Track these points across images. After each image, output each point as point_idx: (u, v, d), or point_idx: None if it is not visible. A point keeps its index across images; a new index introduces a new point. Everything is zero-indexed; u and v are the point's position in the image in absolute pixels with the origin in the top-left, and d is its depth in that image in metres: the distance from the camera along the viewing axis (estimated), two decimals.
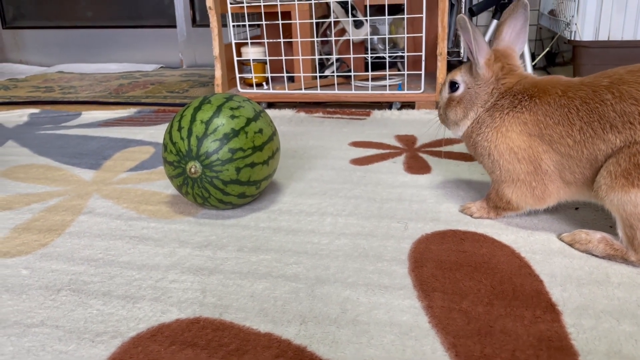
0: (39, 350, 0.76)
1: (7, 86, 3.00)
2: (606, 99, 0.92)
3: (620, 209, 0.90)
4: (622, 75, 0.93)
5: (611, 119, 0.90)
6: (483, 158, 1.08)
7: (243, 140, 1.13)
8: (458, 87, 1.11)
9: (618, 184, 0.89)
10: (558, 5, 2.39)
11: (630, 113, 0.89)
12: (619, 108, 0.90)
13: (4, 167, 1.56)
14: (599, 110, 0.92)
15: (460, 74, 1.11)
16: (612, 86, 0.92)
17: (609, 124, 0.91)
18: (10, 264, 1.00)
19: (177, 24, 3.62)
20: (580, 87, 0.97)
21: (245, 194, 1.18)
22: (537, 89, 1.02)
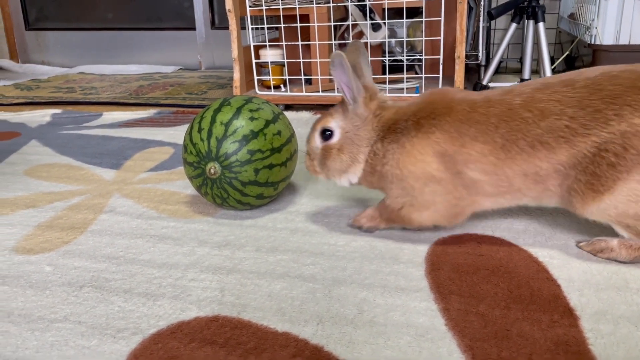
0: (62, 345, 0.78)
1: (30, 87, 3.06)
2: (527, 117, 0.92)
3: (605, 216, 0.93)
4: (532, 94, 0.94)
5: (538, 135, 0.91)
6: (392, 185, 1.02)
7: (262, 142, 1.14)
8: (332, 135, 1.05)
9: (589, 198, 0.91)
10: (578, 9, 2.37)
11: (558, 128, 0.91)
12: (544, 124, 0.91)
13: (28, 166, 1.60)
14: (522, 128, 0.92)
15: (333, 119, 1.05)
16: (528, 105, 0.93)
17: (538, 141, 0.91)
18: (34, 260, 1.03)
19: (196, 26, 3.65)
20: (489, 104, 0.96)
21: (264, 195, 1.19)
22: (438, 108, 0.99)
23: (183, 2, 3.67)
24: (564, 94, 0.92)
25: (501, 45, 2.30)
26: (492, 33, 3.03)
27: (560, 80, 0.95)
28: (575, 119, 0.90)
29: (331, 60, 0.97)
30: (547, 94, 0.93)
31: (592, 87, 0.92)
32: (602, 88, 0.91)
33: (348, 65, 0.96)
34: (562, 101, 0.92)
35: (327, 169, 1.08)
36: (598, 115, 0.89)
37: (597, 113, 0.89)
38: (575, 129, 0.90)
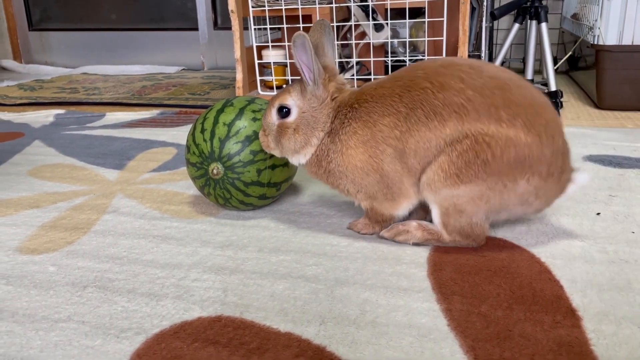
0: (66, 345, 0.78)
1: (33, 87, 3.07)
2: (426, 87, 0.95)
3: (445, 201, 0.96)
4: (436, 69, 0.97)
5: (434, 106, 0.94)
6: (340, 183, 1.05)
7: None
8: (289, 112, 1.04)
9: (451, 182, 0.94)
10: (581, 9, 2.36)
11: (454, 104, 0.93)
12: (441, 96, 0.93)
13: (31, 167, 1.60)
14: (421, 97, 0.95)
15: (291, 97, 1.04)
16: (429, 77, 0.96)
17: (432, 111, 0.94)
18: (38, 260, 1.03)
19: (199, 26, 3.66)
20: (395, 78, 1.00)
21: (266, 195, 1.19)
22: (353, 96, 1.03)
23: (186, 3, 3.68)
24: (468, 75, 0.94)
25: (504, 46, 2.30)
26: (495, 33, 3.03)
27: (469, 63, 0.99)
28: (471, 102, 0.92)
29: (293, 40, 0.97)
30: (451, 71, 0.96)
31: (497, 82, 0.94)
32: (507, 89, 0.93)
33: (310, 47, 0.96)
34: (465, 81, 0.94)
35: (281, 147, 1.07)
36: (493, 110, 0.92)
37: (493, 108, 0.92)
38: (468, 110, 0.92)
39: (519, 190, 0.94)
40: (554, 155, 0.94)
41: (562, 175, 0.98)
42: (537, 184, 0.94)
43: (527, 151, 0.92)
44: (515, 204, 0.97)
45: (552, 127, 0.94)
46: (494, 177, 0.93)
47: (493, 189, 0.94)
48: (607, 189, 1.29)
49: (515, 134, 0.91)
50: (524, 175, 0.93)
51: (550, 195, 0.99)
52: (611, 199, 1.23)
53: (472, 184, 0.93)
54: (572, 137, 1.72)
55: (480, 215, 0.97)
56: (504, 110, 0.92)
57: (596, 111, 2.12)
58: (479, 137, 0.92)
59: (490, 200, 0.95)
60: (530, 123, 0.92)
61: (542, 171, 0.94)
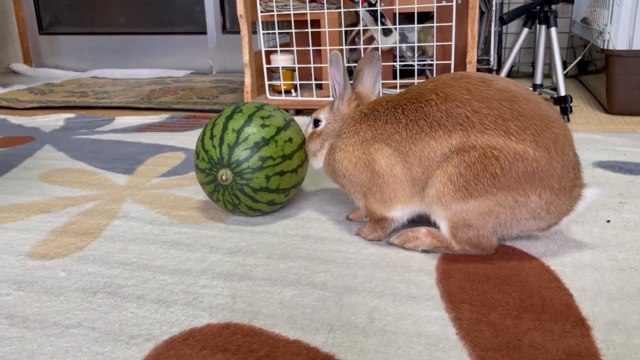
0: (76, 351, 0.79)
1: (43, 91, 3.09)
2: (430, 99, 0.98)
3: (455, 216, 0.97)
4: (445, 81, 1.00)
5: (437, 117, 0.96)
6: (342, 181, 1.12)
7: (273, 149, 1.15)
8: (319, 123, 1.17)
9: (460, 196, 0.94)
10: (591, 13, 2.35)
11: (457, 115, 0.95)
12: (445, 108, 0.96)
13: (42, 171, 1.62)
14: (424, 109, 0.98)
15: (324, 112, 1.18)
16: (437, 88, 0.99)
17: (437, 122, 0.96)
18: (48, 265, 1.04)
19: (208, 30, 3.68)
20: (408, 91, 1.05)
21: (275, 201, 1.19)
22: (368, 106, 1.10)
23: (195, 7, 3.70)
24: (476, 86, 0.97)
25: (513, 50, 2.30)
26: (504, 37, 3.02)
27: (481, 76, 1.00)
28: (477, 113, 0.94)
29: (329, 58, 1.08)
30: (460, 83, 0.98)
31: (505, 94, 0.95)
32: (515, 102, 0.94)
33: (343, 65, 1.07)
34: (472, 92, 0.96)
35: (308, 150, 1.20)
36: (500, 122, 0.93)
37: (500, 120, 0.93)
38: (474, 122, 0.93)
39: (530, 205, 0.94)
40: (564, 169, 0.94)
41: (573, 190, 0.97)
42: (549, 199, 0.94)
43: (536, 165, 0.92)
44: (527, 218, 0.96)
45: (561, 141, 0.94)
46: (503, 191, 0.93)
47: (503, 205, 0.94)
48: (618, 195, 1.29)
49: (524, 148, 0.91)
50: (535, 189, 0.93)
51: (562, 210, 0.97)
52: (621, 206, 1.23)
53: (482, 199, 0.94)
54: (582, 143, 1.71)
55: (488, 229, 0.97)
56: (512, 122, 0.92)
57: (606, 116, 2.11)
58: (487, 150, 0.92)
59: (500, 215, 0.95)
60: (540, 136, 0.92)
61: (553, 185, 0.93)
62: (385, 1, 2.29)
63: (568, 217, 1.00)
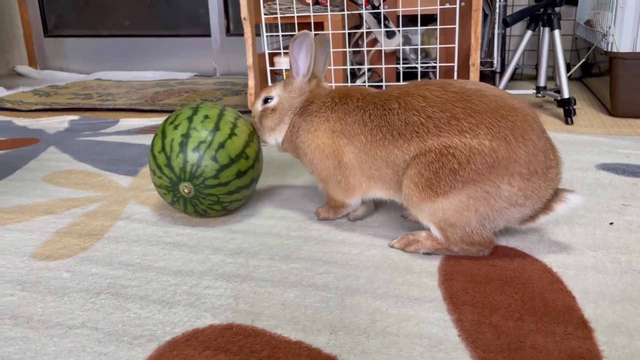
0: (79, 351, 0.79)
1: (48, 93, 3.11)
2: (393, 108, 1.04)
3: (432, 217, 1.00)
4: (408, 89, 1.05)
5: (397, 126, 1.02)
6: (303, 159, 1.18)
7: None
8: (272, 100, 1.22)
9: (426, 195, 0.98)
10: (594, 16, 2.35)
11: (414, 122, 1.00)
12: (404, 117, 1.02)
13: (47, 172, 1.62)
14: (387, 117, 1.04)
15: (275, 89, 1.23)
16: (400, 97, 1.04)
17: (397, 131, 1.02)
18: (52, 266, 1.05)
19: (212, 33, 3.69)
20: (377, 94, 1.10)
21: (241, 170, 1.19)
22: (340, 94, 1.14)
23: (199, 9, 3.71)
24: (432, 92, 1.02)
25: (516, 53, 2.29)
26: (508, 40, 3.02)
27: (441, 82, 1.05)
28: (431, 119, 0.99)
29: (296, 36, 1.11)
30: (419, 91, 1.03)
31: (460, 95, 0.99)
32: (469, 100, 0.98)
33: (313, 45, 1.12)
34: (428, 99, 1.01)
35: (262, 127, 1.24)
36: (454, 123, 0.97)
37: (454, 120, 0.97)
38: (428, 128, 0.98)
39: (504, 194, 0.96)
40: (529, 153, 0.95)
41: (548, 171, 0.98)
42: (521, 185, 0.95)
43: (495, 155, 0.94)
44: (506, 207, 0.97)
45: (520, 128, 0.96)
46: (469, 185, 0.95)
47: (476, 198, 0.96)
48: (621, 198, 1.28)
49: (479, 142, 0.95)
50: (502, 178, 0.95)
51: (542, 194, 0.99)
52: (624, 208, 1.23)
53: (451, 196, 0.96)
54: (585, 145, 1.71)
55: (474, 224, 0.99)
56: (465, 120, 0.96)
57: (610, 119, 2.11)
58: (443, 149, 0.96)
59: (479, 209, 0.97)
60: (495, 127, 0.95)
61: (522, 171, 0.95)
62: (389, 3, 2.30)
63: (547, 217, 1.02)
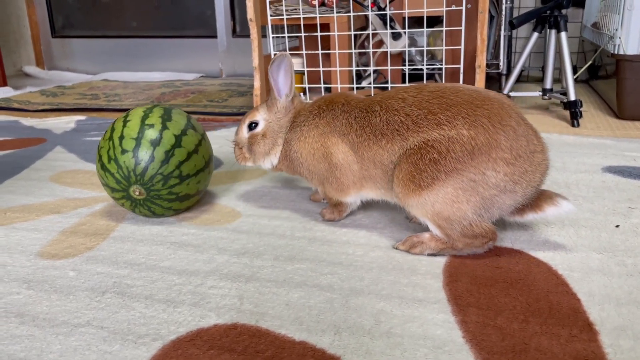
0: (85, 350, 0.80)
1: (55, 93, 3.12)
2: (375, 110, 1.08)
3: (422, 212, 1.02)
4: (390, 93, 1.10)
5: (379, 127, 1.06)
6: (300, 169, 1.21)
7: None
8: (257, 126, 1.23)
9: (410, 189, 1.01)
10: (601, 18, 2.34)
11: (394, 122, 1.04)
12: (385, 118, 1.06)
13: (53, 172, 1.63)
14: (370, 119, 1.08)
15: (258, 113, 1.24)
16: (382, 100, 1.09)
17: (379, 132, 1.06)
18: (58, 265, 1.05)
19: (218, 34, 3.70)
20: (362, 99, 1.14)
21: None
22: (326, 102, 1.18)
23: (205, 11, 3.72)
24: (410, 94, 1.06)
25: (523, 55, 2.29)
26: (514, 42, 3.01)
27: (417, 84, 1.12)
28: (410, 117, 1.03)
29: (274, 59, 1.15)
30: (399, 93, 1.08)
31: (436, 93, 1.03)
32: (444, 96, 1.02)
33: (292, 65, 1.16)
34: (406, 100, 1.05)
35: (253, 154, 1.25)
36: (431, 117, 1.01)
37: (430, 115, 1.01)
38: (408, 126, 1.02)
39: (491, 181, 0.97)
40: (510, 138, 0.97)
41: (533, 156, 0.99)
42: (507, 170, 0.97)
43: (474, 143, 0.96)
44: (497, 194, 0.98)
45: (496, 114, 0.98)
46: (453, 175, 0.97)
47: (463, 188, 0.97)
48: (627, 200, 1.28)
49: (457, 132, 0.97)
50: (486, 165, 0.96)
51: (530, 178, 0.99)
52: (630, 211, 1.22)
53: (435, 187, 0.98)
54: (592, 147, 1.70)
55: (470, 216, 0.99)
56: (441, 114, 1.00)
57: (616, 121, 2.10)
58: (422, 144, 0.99)
59: (470, 199, 0.98)
60: (471, 117, 0.98)
61: (504, 156, 0.96)
62: (395, 5, 2.30)
63: (534, 216, 1.04)
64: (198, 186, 1.26)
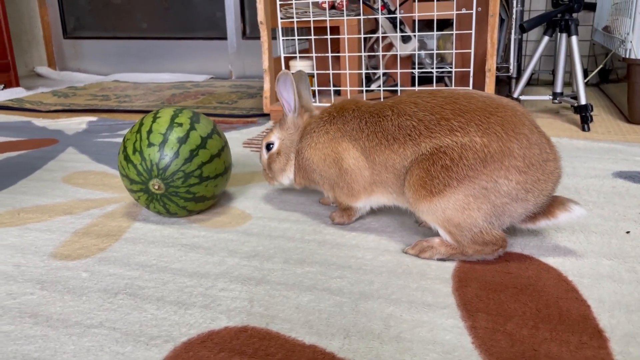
0: (97, 351, 0.81)
1: (67, 94, 3.15)
2: (387, 115, 1.08)
3: (433, 218, 1.02)
4: (401, 98, 1.10)
5: (391, 131, 1.06)
6: (313, 175, 1.21)
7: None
8: (273, 145, 1.27)
9: (421, 195, 1.01)
10: (612, 22, 2.33)
11: (406, 126, 1.04)
12: (397, 122, 1.06)
13: (65, 173, 1.65)
14: (381, 123, 1.08)
15: (273, 135, 1.27)
16: (393, 105, 1.09)
17: (391, 136, 1.06)
18: (71, 266, 1.06)
19: (228, 36, 3.72)
20: (372, 104, 1.14)
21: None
22: (336, 108, 1.19)
23: (215, 12, 3.74)
24: (423, 98, 1.06)
25: (533, 58, 2.28)
26: (524, 45, 3.00)
27: (431, 90, 1.10)
28: (422, 122, 1.03)
29: (278, 78, 1.18)
30: (411, 98, 1.08)
31: (449, 98, 1.03)
32: (457, 102, 1.02)
33: (294, 83, 1.18)
34: (419, 105, 1.05)
35: (273, 173, 1.29)
36: (444, 123, 1.01)
37: (443, 120, 1.01)
38: (420, 131, 1.02)
39: (502, 189, 0.97)
40: (523, 147, 0.97)
41: (546, 164, 0.99)
42: (519, 178, 0.96)
43: (487, 150, 0.96)
44: (508, 202, 0.98)
45: (510, 122, 0.98)
46: (465, 183, 0.97)
47: (475, 196, 0.97)
48: (637, 206, 1.27)
49: (470, 139, 0.97)
50: (498, 172, 0.96)
51: (542, 187, 0.99)
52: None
53: (447, 194, 0.98)
54: (603, 152, 1.70)
55: (481, 223, 0.99)
56: (454, 120, 1.00)
57: (627, 125, 2.09)
58: (434, 150, 0.99)
59: (481, 206, 0.97)
60: (484, 124, 0.98)
61: (517, 165, 0.96)
62: (405, 8, 2.30)
63: (547, 222, 1.03)
64: (215, 190, 1.27)
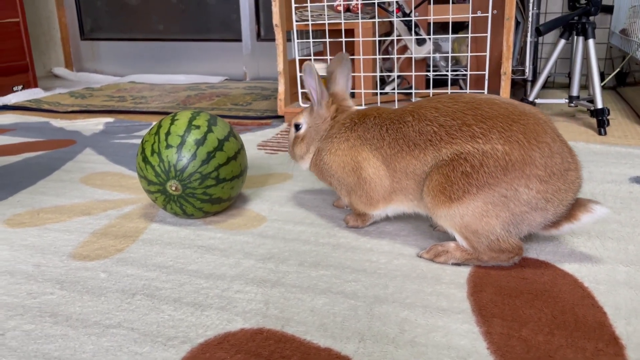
0: (116, 351, 0.82)
1: (84, 95, 3.19)
2: (407, 120, 1.08)
3: (451, 223, 1.02)
4: (421, 103, 1.09)
5: (412, 137, 1.06)
6: (330, 179, 1.23)
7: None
8: (300, 127, 1.27)
9: (439, 201, 1.01)
10: (630, 25, 2.31)
11: (427, 132, 1.04)
12: (417, 128, 1.06)
13: (83, 174, 1.68)
14: (402, 129, 1.08)
15: (303, 116, 1.27)
16: (414, 110, 1.09)
17: (412, 142, 1.06)
18: (90, 266, 1.08)
19: (243, 38, 3.74)
20: (393, 111, 1.14)
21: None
22: (359, 115, 1.19)
23: (230, 14, 3.76)
24: (444, 104, 1.06)
25: (549, 61, 2.27)
26: (540, 47, 2.98)
27: (452, 94, 1.09)
28: (443, 127, 1.02)
29: (303, 68, 1.19)
30: (431, 103, 1.07)
31: (471, 104, 1.02)
32: (479, 108, 1.01)
33: (316, 73, 1.18)
34: (440, 110, 1.05)
35: (294, 154, 1.31)
36: (465, 129, 1.00)
37: (465, 126, 1.00)
38: (441, 136, 1.02)
39: (522, 197, 0.96)
40: (545, 156, 0.96)
41: (567, 174, 0.98)
42: (540, 187, 0.96)
43: (508, 158, 0.95)
44: (527, 211, 0.97)
45: (532, 131, 0.97)
46: (485, 190, 0.96)
47: (494, 203, 0.97)
48: None
49: (492, 147, 0.96)
50: (519, 181, 0.95)
51: (562, 197, 0.98)
52: None
53: (466, 201, 0.98)
54: (619, 157, 1.68)
55: (498, 231, 0.99)
56: (476, 126, 0.99)
57: None
58: (454, 156, 0.99)
59: (499, 214, 0.97)
60: (507, 132, 0.97)
61: (538, 174, 0.95)
62: (420, 11, 2.30)
63: (571, 226, 1.02)
64: (231, 192, 1.29)
